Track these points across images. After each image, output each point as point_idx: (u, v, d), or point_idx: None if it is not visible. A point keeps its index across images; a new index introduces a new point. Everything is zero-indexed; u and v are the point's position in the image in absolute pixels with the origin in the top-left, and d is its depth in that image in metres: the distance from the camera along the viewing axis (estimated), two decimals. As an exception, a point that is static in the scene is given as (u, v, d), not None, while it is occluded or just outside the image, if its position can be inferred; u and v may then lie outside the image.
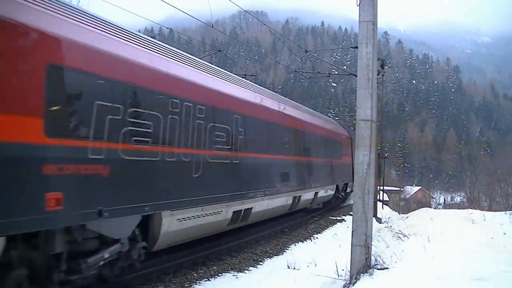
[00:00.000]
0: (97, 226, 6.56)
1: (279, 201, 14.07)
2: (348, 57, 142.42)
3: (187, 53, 10.99)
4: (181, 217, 8.53)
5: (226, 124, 10.22)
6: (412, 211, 23.48)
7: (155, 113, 7.65)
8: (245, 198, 11.19)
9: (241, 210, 11.16)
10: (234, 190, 10.62)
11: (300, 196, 16.07)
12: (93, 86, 6.35)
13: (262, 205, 12.53)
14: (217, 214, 9.92)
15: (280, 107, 14.79)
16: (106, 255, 6.98)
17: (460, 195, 70.13)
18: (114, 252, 7.17)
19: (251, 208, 11.74)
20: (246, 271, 10.17)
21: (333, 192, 22.11)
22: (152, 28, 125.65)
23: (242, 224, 12.02)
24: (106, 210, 6.48)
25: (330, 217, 20.43)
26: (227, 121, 10.37)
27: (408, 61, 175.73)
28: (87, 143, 6.20)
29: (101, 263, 6.92)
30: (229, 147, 10.41)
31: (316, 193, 18.43)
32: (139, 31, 8.93)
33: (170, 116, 8.06)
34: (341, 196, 24.79)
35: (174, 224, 8.34)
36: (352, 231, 7.50)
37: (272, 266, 10.85)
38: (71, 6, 6.74)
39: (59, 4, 6.26)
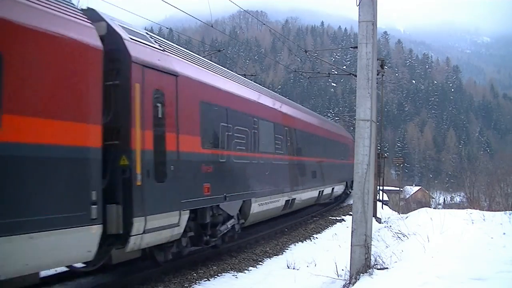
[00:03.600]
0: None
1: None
2: (347, 57, 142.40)
3: None
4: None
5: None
6: (411, 211, 23.47)
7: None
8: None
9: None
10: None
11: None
12: None
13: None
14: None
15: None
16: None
17: (459, 195, 70.06)
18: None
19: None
20: (245, 271, 10.18)
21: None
22: (152, 28, 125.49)
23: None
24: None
25: (330, 217, 20.45)
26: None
27: (408, 61, 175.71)
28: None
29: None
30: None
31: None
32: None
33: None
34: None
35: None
36: (352, 231, 7.50)
37: (271, 266, 10.86)
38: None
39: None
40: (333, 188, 22.32)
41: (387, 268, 7.36)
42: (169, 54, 8.46)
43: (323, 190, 19.87)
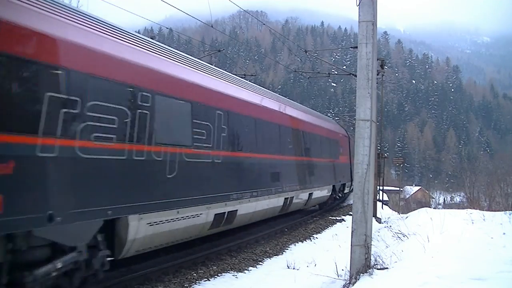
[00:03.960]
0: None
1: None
2: (347, 57, 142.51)
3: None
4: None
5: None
6: (411, 211, 23.47)
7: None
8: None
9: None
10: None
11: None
12: None
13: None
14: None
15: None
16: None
17: (459, 195, 70.11)
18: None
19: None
20: (245, 271, 10.17)
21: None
22: (151, 28, 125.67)
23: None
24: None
25: (330, 217, 20.43)
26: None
27: (408, 61, 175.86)
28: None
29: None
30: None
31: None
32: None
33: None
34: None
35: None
36: (352, 231, 7.50)
37: (271, 266, 10.85)
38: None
39: None
40: (310, 194, 17.48)
41: (387, 268, 7.36)
42: None
43: (292, 197, 15.19)
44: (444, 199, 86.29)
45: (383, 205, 29.47)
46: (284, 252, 12.60)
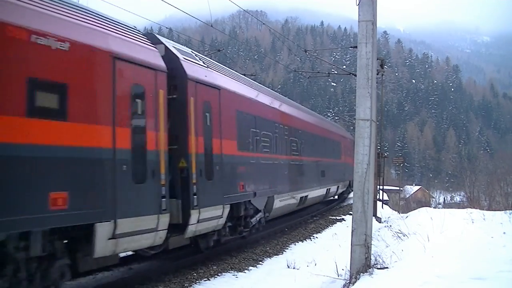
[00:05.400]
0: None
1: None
2: (347, 56, 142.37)
3: None
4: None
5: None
6: (411, 210, 23.46)
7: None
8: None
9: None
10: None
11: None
12: None
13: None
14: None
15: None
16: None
17: (459, 195, 70.04)
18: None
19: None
20: (245, 271, 10.18)
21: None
22: (151, 28, 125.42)
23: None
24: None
25: (330, 217, 20.44)
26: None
27: (408, 61, 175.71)
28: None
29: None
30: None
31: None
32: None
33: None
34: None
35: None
36: (352, 231, 7.50)
37: (272, 266, 10.86)
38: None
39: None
40: None
41: (387, 267, 7.36)
42: None
43: None
44: (444, 198, 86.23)
45: (383, 204, 29.46)
46: (284, 252, 12.60)
